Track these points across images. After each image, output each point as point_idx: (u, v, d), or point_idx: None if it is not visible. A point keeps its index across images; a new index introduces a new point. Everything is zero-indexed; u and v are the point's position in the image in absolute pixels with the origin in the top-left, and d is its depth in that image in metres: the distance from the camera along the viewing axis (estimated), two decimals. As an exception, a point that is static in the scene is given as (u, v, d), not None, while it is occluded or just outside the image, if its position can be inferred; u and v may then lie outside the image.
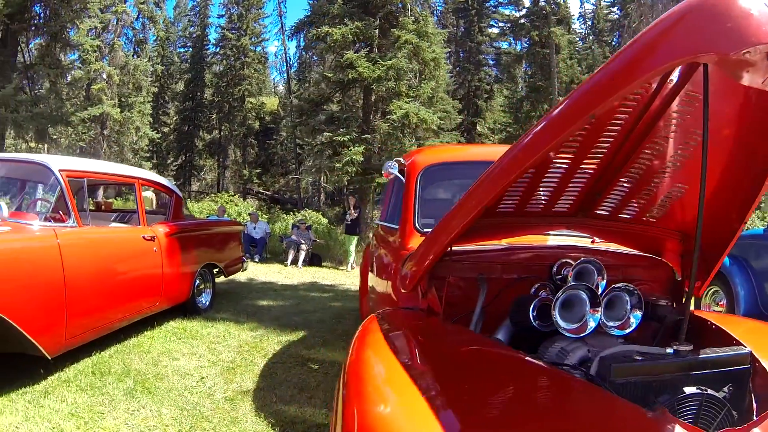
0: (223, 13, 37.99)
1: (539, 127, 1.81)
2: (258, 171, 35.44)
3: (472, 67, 33.80)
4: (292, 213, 23.85)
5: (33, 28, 15.03)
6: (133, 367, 4.84)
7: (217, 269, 7.80)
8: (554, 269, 2.66)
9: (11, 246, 3.97)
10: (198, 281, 7.10)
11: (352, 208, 13.74)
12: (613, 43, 38.39)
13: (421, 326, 2.61)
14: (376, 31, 15.19)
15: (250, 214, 16.23)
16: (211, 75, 37.33)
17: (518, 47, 36.76)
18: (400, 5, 16.01)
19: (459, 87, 33.64)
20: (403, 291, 2.92)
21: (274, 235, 15.80)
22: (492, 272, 2.72)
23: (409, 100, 15.09)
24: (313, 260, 14.37)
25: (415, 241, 3.30)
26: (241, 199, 28.56)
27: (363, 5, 15.58)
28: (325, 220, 21.65)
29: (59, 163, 4.87)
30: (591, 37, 38.46)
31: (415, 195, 3.70)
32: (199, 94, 36.92)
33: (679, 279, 2.86)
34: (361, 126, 14.96)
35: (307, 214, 21.23)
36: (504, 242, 2.94)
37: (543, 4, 25.60)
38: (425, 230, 3.43)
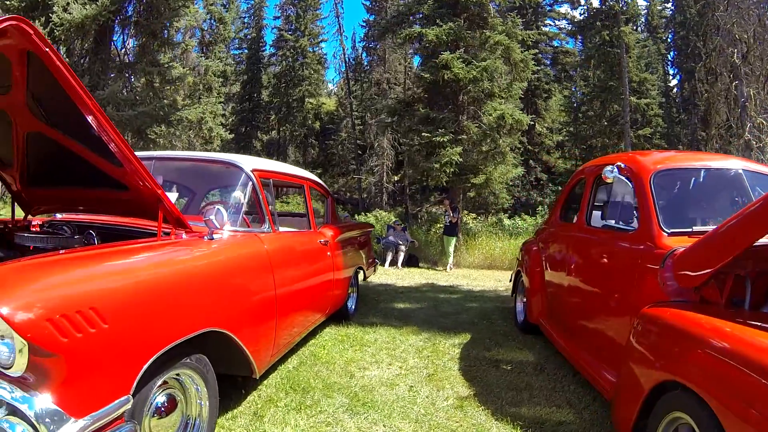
0: (279, 14, 38.38)
1: None
2: (318, 171, 35.64)
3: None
4: (363, 213, 23.92)
5: (131, 26, 15.15)
6: (330, 380, 4.67)
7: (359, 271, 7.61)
8: None
9: (231, 255, 3.70)
10: (346, 285, 6.93)
11: (450, 210, 13.64)
12: (668, 40, 37.88)
13: (720, 312, 2.95)
14: (469, 32, 15.09)
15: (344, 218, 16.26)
16: (268, 76, 37.61)
17: (571, 46, 36.90)
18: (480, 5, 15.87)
19: (519, 86, 33.41)
20: (678, 287, 3.25)
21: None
22: (746, 266, 3.08)
23: (502, 101, 15.02)
24: (411, 261, 14.21)
25: (668, 241, 3.59)
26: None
27: (451, 6, 15.51)
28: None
29: (250, 162, 4.62)
30: (645, 34, 37.85)
31: (653, 198, 3.95)
32: (256, 95, 37.24)
33: None
34: (454, 127, 14.87)
35: (393, 216, 21.27)
36: None
37: (612, 2, 25.20)
38: (671, 231, 3.69)
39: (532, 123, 32.49)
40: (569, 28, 35.22)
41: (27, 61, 2.79)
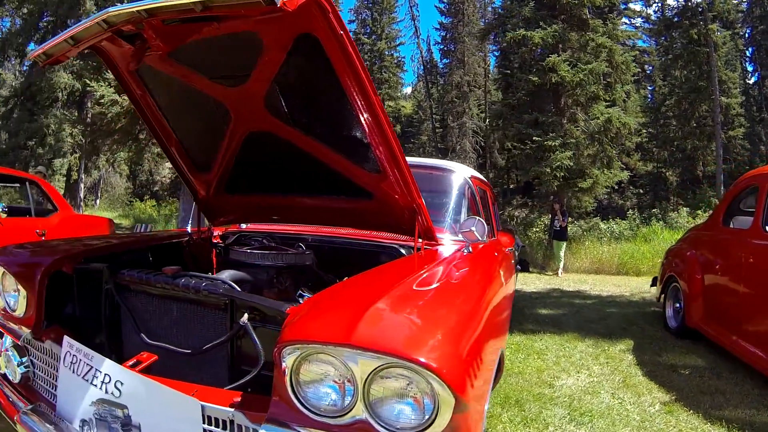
0: (354, 18, 38.78)
1: None
2: (399, 175, 35.71)
3: (608, 66, 33.02)
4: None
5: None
6: (534, 390, 4.64)
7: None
8: None
9: (494, 269, 3.44)
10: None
11: (560, 214, 13.67)
12: (746, 35, 36.51)
13: None
14: (573, 34, 15.08)
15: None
16: (346, 80, 37.98)
17: (646, 45, 36.09)
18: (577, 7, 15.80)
19: (598, 87, 32.95)
20: None
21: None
22: None
23: (607, 104, 14.98)
24: (522, 266, 14.16)
25: None
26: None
27: (550, 8, 15.52)
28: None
29: (467, 170, 4.50)
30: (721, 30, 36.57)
31: None
32: (333, 98, 37.59)
33: None
34: (563, 131, 14.89)
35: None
36: None
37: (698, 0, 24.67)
38: None
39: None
40: (645, 27, 34.59)
41: (292, 46, 2.31)
